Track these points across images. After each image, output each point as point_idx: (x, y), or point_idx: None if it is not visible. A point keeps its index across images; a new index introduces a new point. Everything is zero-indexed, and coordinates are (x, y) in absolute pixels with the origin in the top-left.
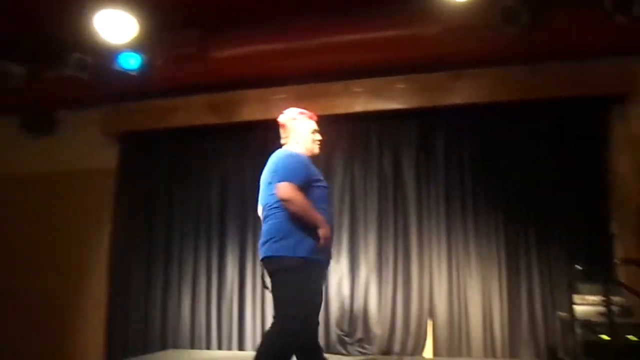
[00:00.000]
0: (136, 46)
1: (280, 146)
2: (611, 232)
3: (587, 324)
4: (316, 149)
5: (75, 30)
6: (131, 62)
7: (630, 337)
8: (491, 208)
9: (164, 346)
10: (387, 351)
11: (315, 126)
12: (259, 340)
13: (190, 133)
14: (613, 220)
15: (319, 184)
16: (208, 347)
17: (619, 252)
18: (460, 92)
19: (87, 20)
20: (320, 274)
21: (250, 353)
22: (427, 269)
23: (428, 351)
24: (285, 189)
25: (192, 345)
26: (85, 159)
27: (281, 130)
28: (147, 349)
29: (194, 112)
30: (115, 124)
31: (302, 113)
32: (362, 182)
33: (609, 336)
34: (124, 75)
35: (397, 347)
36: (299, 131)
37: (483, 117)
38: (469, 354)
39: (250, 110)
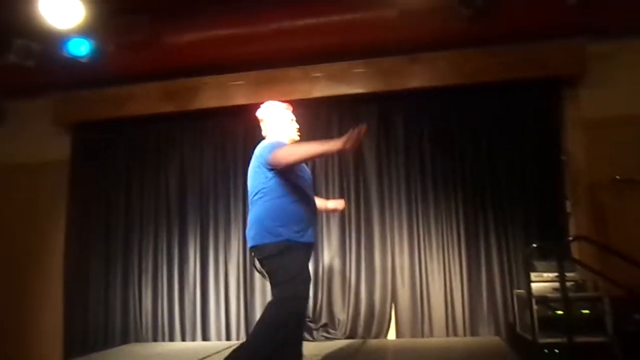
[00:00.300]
0: (85, 32)
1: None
2: (565, 211)
3: (543, 300)
4: (296, 136)
5: (20, 15)
6: (80, 48)
7: (584, 311)
8: (450, 190)
9: (125, 340)
10: (351, 335)
11: (292, 116)
12: (223, 329)
13: (147, 121)
14: (566, 199)
15: (301, 173)
16: (171, 340)
17: (573, 229)
18: (418, 75)
19: (32, 5)
20: (304, 254)
21: (215, 343)
22: (389, 252)
23: (391, 334)
24: (281, 153)
25: (155, 338)
26: (36, 150)
27: (261, 125)
28: (107, 344)
29: (149, 100)
30: (66, 113)
31: (277, 105)
32: (323, 167)
33: (563, 311)
34: (74, 62)
35: (361, 331)
36: (277, 122)
37: (440, 100)
38: (431, 335)
39: (208, 97)
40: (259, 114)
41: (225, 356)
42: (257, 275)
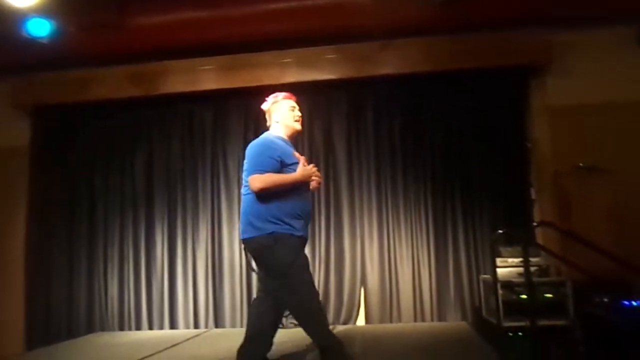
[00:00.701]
0: (46, 11)
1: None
2: (530, 197)
3: (508, 285)
4: (297, 125)
5: None
6: (41, 28)
7: (547, 295)
8: (419, 177)
9: (90, 330)
10: None
11: (293, 103)
12: (191, 318)
13: (112, 106)
14: (531, 186)
15: (292, 166)
16: (138, 328)
17: (537, 216)
18: (389, 62)
19: None
20: (295, 246)
21: (183, 331)
22: (358, 239)
23: (361, 319)
24: (254, 182)
25: (121, 327)
26: None
27: (266, 117)
28: (72, 334)
29: (114, 83)
30: (26, 97)
31: (277, 95)
32: None
33: (527, 295)
34: (34, 43)
35: (330, 317)
36: (278, 111)
37: (411, 87)
38: (399, 320)
39: (176, 81)
40: (263, 106)
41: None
42: (226, 262)
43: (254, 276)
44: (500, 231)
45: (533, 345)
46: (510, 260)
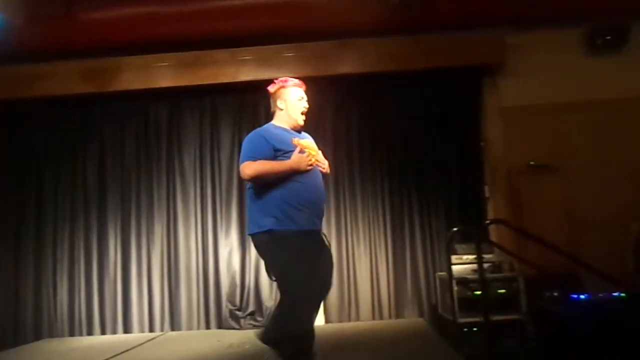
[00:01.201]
0: None
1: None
2: (484, 196)
3: (463, 282)
4: (300, 120)
5: None
6: None
7: (500, 290)
8: (376, 176)
9: (38, 336)
10: None
11: (301, 94)
12: (146, 321)
13: (63, 103)
14: (485, 184)
15: (287, 153)
16: (90, 333)
17: (491, 213)
18: (347, 61)
19: None
20: (298, 243)
21: (137, 335)
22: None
23: (320, 319)
24: (244, 169)
25: (72, 333)
26: None
27: (271, 101)
28: (18, 341)
29: (66, 79)
30: None
31: (286, 80)
32: None
33: (481, 291)
34: None
35: None
36: (283, 98)
37: (368, 87)
38: (358, 319)
39: (130, 78)
40: (270, 88)
41: None
42: (182, 264)
43: (211, 278)
44: (455, 229)
45: (487, 340)
46: (465, 257)
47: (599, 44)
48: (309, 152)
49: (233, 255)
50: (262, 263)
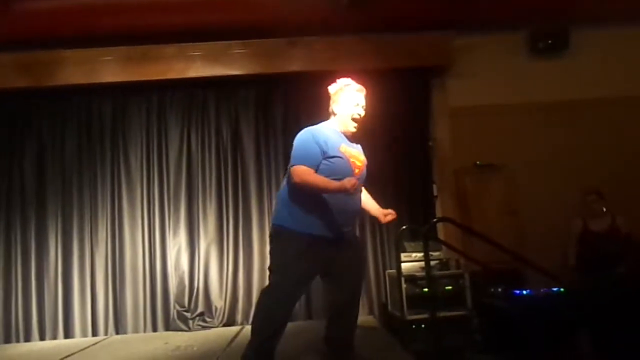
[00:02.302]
0: None
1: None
2: (432, 194)
3: (412, 279)
4: (351, 127)
5: None
6: None
7: (447, 287)
8: None
9: None
10: (229, 323)
11: (359, 100)
12: (89, 326)
13: None
14: (434, 183)
15: (331, 159)
16: (27, 340)
17: (439, 211)
18: (297, 59)
19: None
20: (304, 247)
21: (79, 340)
22: (267, 238)
23: None
24: (295, 174)
25: (8, 340)
26: None
27: (330, 101)
28: None
29: (0, 72)
30: None
31: (348, 83)
32: (200, 150)
33: (428, 288)
34: None
35: (239, 317)
36: (339, 102)
37: (318, 84)
38: (309, 318)
39: (71, 72)
40: (330, 88)
41: None
42: (127, 264)
43: (159, 278)
44: (404, 227)
45: (434, 336)
46: (414, 255)
47: (541, 47)
48: (354, 162)
49: (181, 255)
50: (211, 263)
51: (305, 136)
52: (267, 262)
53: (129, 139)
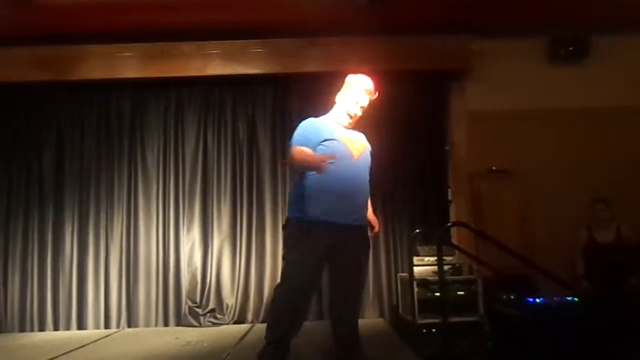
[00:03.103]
0: None
1: None
2: (447, 199)
3: (424, 283)
4: (345, 121)
5: None
6: None
7: (459, 292)
8: None
9: None
10: (240, 320)
11: (361, 99)
12: (102, 317)
13: (17, 91)
14: (449, 187)
15: (327, 142)
16: (41, 329)
17: (453, 216)
18: (314, 59)
19: None
20: (299, 232)
21: (92, 332)
22: (280, 235)
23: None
24: (291, 154)
25: (23, 328)
26: None
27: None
28: None
29: (21, 66)
30: None
31: (363, 80)
32: (216, 148)
33: (440, 293)
34: None
35: (250, 315)
36: (344, 95)
37: (335, 85)
38: (320, 317)
39: (91, 68)
40: (348, 77)
41: None
42: (141, 259)
43: (171, 274)
44: (417, 231)
45: (444, 342)
46: (426, 259)
47: (561, 54)
48: (352, 146)
49: (195, 252)
50: (224, 260)
51: (302, 124)
52: (280, 261)
53: (147, 135)
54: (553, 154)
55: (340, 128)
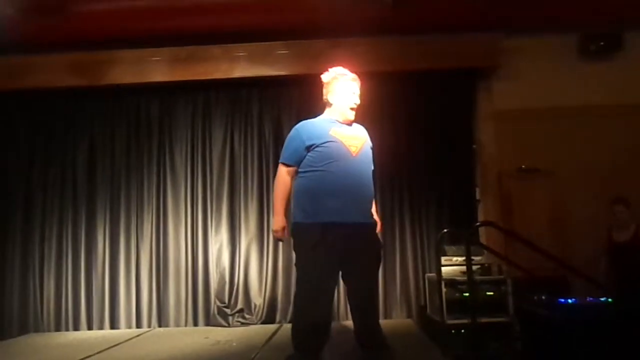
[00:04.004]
0: None
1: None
2: (475, 198)
3: (452, 283)
4: (349, 115)
5: None
6: None
7: (489, 292)
8: None
9: (23, 331)
10: (268, 320)
11: (354, 88)
12: (134, 317)
13: (51, 96)
14: (477, 186)
15: (322, 145)
16: (76, 329)
17: (482, 215)
18: (339, 60)
19: None
20: (316, 236)
21: (124, 331)
22: None
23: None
24: (277, 173)
25: (58, 328)
26: None
27: (323, 90)
28: (3, 335)
29: (55, 72)
30: None
31: (342, 73)
32: (242, 149)
33: (469, 293)
34: None
35: (278, 315)
36: (334, 92)
37: (360, 86)
38: (346, 318)
39: (122, 72)
40: (323, 77)
41: None
42: (171, 260)
43: (200, 274)
44: (445, 230)
45: (473, 342)
46: (454, 259)
47: (592, 50)
48: (349, 144)
49: (223, 252)
50: (251, 261)
51: (292, 133)
52: None
53: (175, 138)
54: (585, 152)
55: (337, 126)
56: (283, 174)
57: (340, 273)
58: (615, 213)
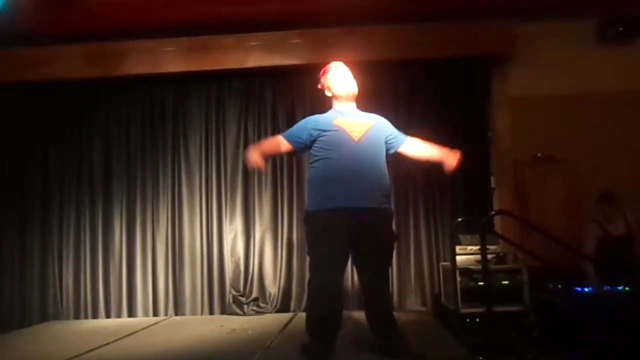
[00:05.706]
0: None
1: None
2: (490, 186)
3: (467, 272)
4: (342, 90)
5: None
6: None
7: (504, 281)
8: None
9: (43, 318)
10: (282, 309)
11: (344, 75)
12: (150, 305)
13: (67, 86)
14: (492, 175)
15: (324, 134)
16: (95, 317)
17: (497, 204)
18: (353, 48)
19: None
20: (325, 223)
21: (141, 319)
22: None
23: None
24: None
25: (77, 316)
26: None
27: (325, 92)
28: (23, 323)
29: (70, 63)
30: None
31: (324, 70)
32: (256, 139)
33: (484, 282)
34: None
35: (292, 304)
36: (331, 84)
37: (374, 74)
38: (361, 307)
39: (136, 63)
40: (319, 85)
41: None
42: (186, 248)
43: (215, 263)
44: (460, 219)
45: (488, 331)
46: (469, 247)
47: (610, 35)
48: (352, 131)
49: (237, 241)
50: (266, 250)
51: (302, 120)
52: None
53: (189, 128)
54: (602, 139)
55: (340, 116)
56: (276, 138)
57: (351, 259)
58: (604, 211)
